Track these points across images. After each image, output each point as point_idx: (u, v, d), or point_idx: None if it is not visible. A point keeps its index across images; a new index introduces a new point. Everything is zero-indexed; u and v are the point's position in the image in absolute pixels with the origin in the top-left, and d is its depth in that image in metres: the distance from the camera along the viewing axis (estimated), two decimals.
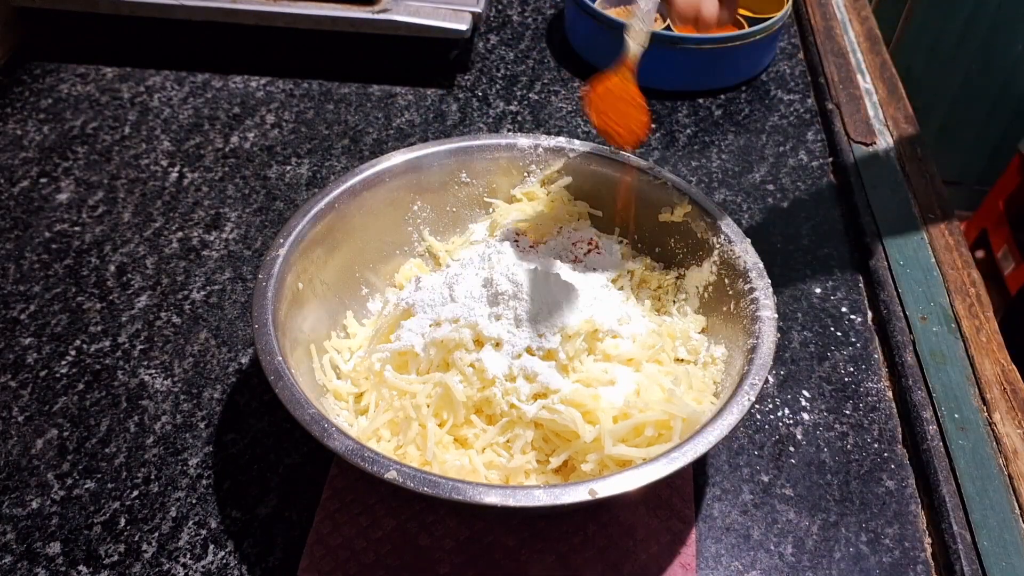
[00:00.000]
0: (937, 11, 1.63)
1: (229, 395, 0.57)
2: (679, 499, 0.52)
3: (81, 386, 0.58)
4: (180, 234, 0.69)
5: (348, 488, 0.51)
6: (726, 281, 0.53)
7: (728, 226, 0.54)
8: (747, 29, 0.84)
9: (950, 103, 1.75)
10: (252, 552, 0.49)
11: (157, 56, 0.88)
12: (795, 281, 0.68)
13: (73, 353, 0.60)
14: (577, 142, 0.60)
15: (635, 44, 0.51)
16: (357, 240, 0.57)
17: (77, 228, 0.69)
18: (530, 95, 0.86)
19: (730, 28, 0.88)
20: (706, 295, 0.56)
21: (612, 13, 0.86)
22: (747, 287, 0.51)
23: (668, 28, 0.87)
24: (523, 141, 0.61)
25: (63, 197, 0.72)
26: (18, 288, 0.64)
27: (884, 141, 0.81)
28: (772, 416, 0.58)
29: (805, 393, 0.60)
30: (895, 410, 0.59)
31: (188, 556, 0.49)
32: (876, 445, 0.57)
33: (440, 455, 0.47)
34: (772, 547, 0.51)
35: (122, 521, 0.50)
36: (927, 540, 0.52)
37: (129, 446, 0.54)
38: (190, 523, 0.50)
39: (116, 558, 0.49)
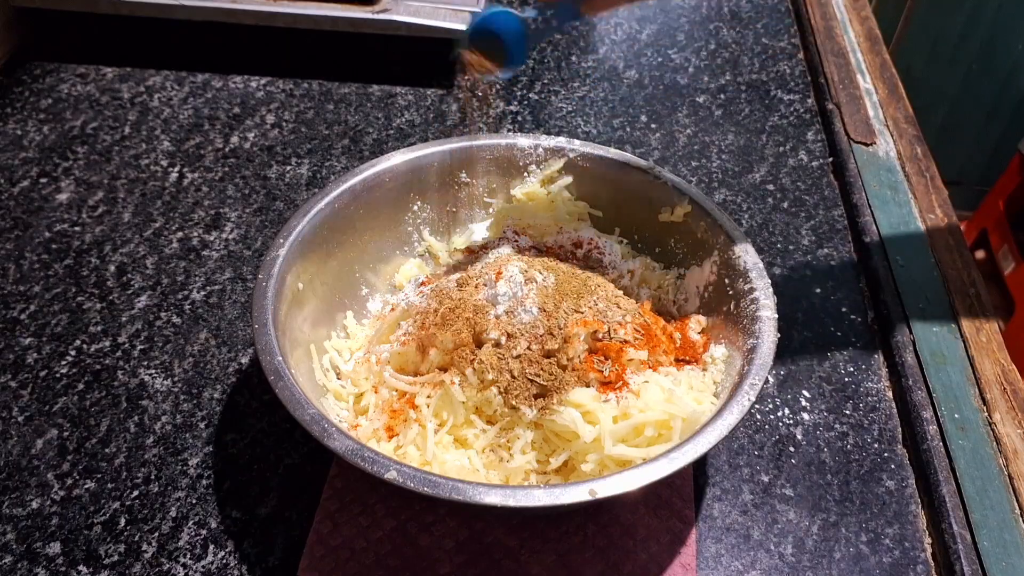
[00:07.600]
0: (937, 11, 1.63)
1: (229, 395, 0.57)
2: (679, 499, 0.52)
3: (81, 386, 0.58)
4: (180, 234, 0.69)
5: (348, 488, 0.51)
6: (726, 281, 0.53)
7: (728, 226, 0.54)
8: None
9: (950, 103, 1.75)
10: (252, 552, 0.49)
11: (157, 56, 0.88)
12: (795, 281, 0.68)
13: (73, 353, 0.60)
14: (577, 142, 0.60)
15: None
16: (357, 240, 0.57)
17: (77, 228, 0.69)
18: (530, 95, 0.86)
19: None
20: (706, 295, 0.56)
21: None
22: (747, 287, 0.51)
23: None
24: (523, 141, 0.61)
25: (63, 197, 0.72)
26: (18, 288, 0.64)
27: (884, 141, 0.81)
28: (772, 416, 0.58)
29: (805, 393, 0.60)
30: (895, 410, 0.59)
31: (188, 556, 0.49)
32: (876, 445, 0.57)
33: (440, 455, 0.47)
34: (772, 547, 0.51)
35: (122, 521, 0.50)
36: (927, 540, 0.52)
37: (129, 446, 0.54)
38: (190, 523, 0.50)
39: (116, 558, 0.49)
